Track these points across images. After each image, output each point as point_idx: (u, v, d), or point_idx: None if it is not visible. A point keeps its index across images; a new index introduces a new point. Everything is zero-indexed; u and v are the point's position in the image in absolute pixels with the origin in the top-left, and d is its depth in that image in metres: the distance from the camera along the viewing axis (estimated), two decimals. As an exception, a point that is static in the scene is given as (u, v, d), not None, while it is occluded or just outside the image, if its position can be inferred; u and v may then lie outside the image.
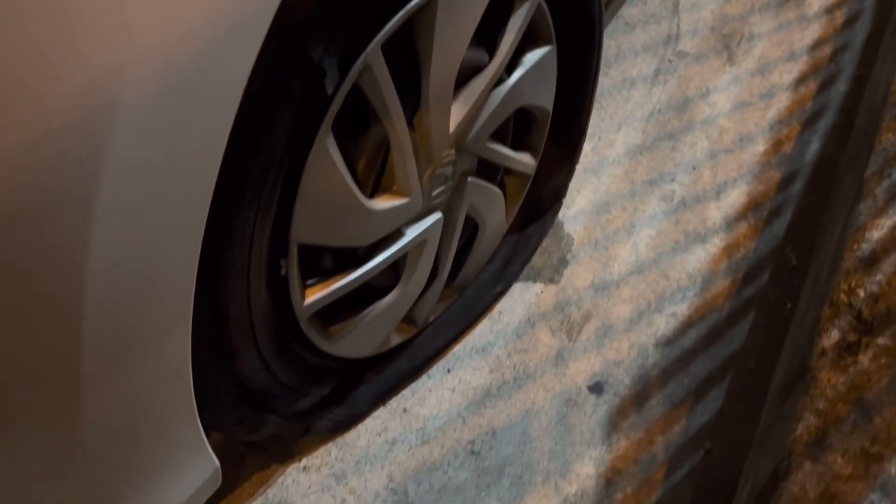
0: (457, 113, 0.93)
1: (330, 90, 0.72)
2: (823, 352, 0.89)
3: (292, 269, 0.81)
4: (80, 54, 0.46)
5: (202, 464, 0.74)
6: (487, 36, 0.95)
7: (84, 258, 0.54)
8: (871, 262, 0.97)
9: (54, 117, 0.47)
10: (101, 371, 0.61)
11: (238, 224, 0.71)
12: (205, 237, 0.64)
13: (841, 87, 1.60)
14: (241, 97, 0.58)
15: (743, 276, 1.25)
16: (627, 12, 1.81)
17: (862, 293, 0.94)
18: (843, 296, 0.94)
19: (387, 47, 0.77)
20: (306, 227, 0.79)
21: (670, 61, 1.67)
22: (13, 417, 0.58)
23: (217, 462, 0.76)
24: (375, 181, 0.89)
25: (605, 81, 1.61)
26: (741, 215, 1.34)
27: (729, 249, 1.29)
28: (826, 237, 1.19)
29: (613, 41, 1.72)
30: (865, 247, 0.99)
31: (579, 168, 1.43)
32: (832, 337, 0.91)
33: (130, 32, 0.48)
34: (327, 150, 0.76)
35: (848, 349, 0.89)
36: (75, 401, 0.60)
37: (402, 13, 0.76)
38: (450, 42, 0.84)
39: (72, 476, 0.64)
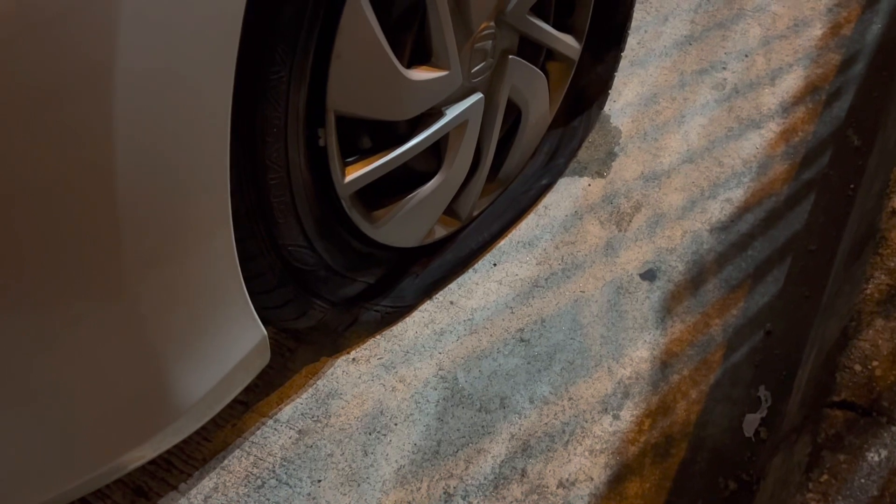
0: (495, -22, 0.88)
1: (361, -65, 0.68)
2: (893, 212, 0.84)
3: (331, 139, 0.79)
4: None
5: (250, 331, 0.74)
6: None
7: (109, 122, 0.52)
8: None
9: None
10: (146, 241, 0.60)
11: (271, 80, 0.68)
12: (238, 93, 0.62)
13: (905, -35, 1.49)
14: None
15: (802, 160, 1.18)
16: None
17: (935, 152, 0.87)
18: (914, 156, 0.88)
19: None
20: (342, 94, 0.77)
21: (718, -49, 1.57)
22: (71, 285, 0.57)
23: (264, 331, 0.75)
24: (413, 51, 0.85)
25: (648, -24, 1.54)
26: (798, 100, 1.27)
27: (786, 134, 1.22)
28: (891, 114, 1.12)
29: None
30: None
31: (625, 62, 1.37)
32: (903, 197, 0.85)
33: None
34: (360, 7, 0.73)
35: (921, 208, 0.83)
36: (122, 271, 0.59)
37: None
38: None
39: (124, 338, 0.64)
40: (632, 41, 1.40)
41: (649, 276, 1.07)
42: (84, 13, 0.48)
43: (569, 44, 1.11)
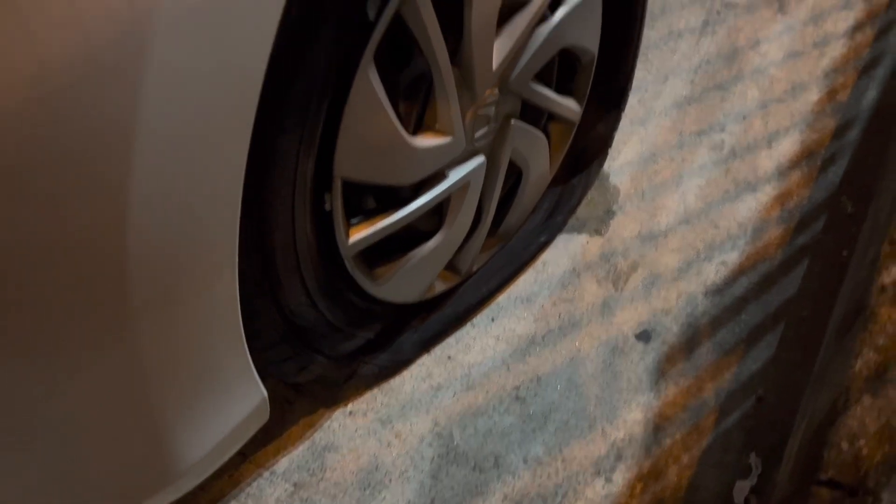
0: (500, 50, 0.91)
1: (372, 15, 0.71)
2: (883, 288, 0.86)
3: (336, 204, 0.81)
4: None
5: (250, 392, 0.75)
6: (530, -28, 0.93)
7: (126, 181, 0.54)
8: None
9: (97, 27, 0.47)
10: (151, 297, 0.62)
11: (282, 151, 0.71)
12: (250, 163, 0.65)
13: (900, 33, 1.53)
14: (281, 13, 0.58)
15: (797, 224, 1.21)
16: (673, -35, 1.76)
17: (925, 229, 0.90)
18: (904, 232, 0.90)
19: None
20: (349, 162, 0.79)
21: (718, 13, 1.62)
22: (67, 343, 0.59)
23: (265, 392, 0.77)
24: (418, 119, 0.88)
25: (650, 35, 1.58)
26: (794, 164, 1.30)
27: (781, 198, 1.25)
28: (885, 181, 1.15)
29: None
30: (929, 183, 0.94)
31: (625, 120, 1.40)
32: (892, 273, 0.87)
33: None
34: (370, 81, 0.75)
35: (910, 285, 0.85)
36: (126, 326, 0.61)
37: (443, -62, 0.75)
38: (492, -27, 0.83)
39: (122, 399, 0.65)
40: (632, 100, 1.43)
41: (644, 337, 1.09)
42: (108, 80, 0.50)
43: (570, 107, 1.14)
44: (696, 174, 1.30)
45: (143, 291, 0.61)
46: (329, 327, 0.91)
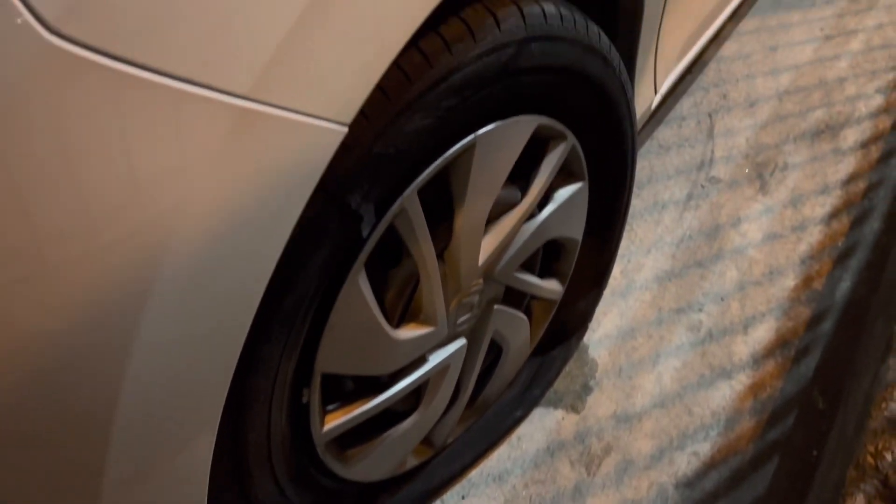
0: (487, 246, 0.95)
1: (365, 233, 0.75)
2: (848, 518, 0.87)
3: (314, 397, 0.83)
4: (140, 203, 0.48)
5: None
6: (521, 173, 0.98)
7: (118, 391, 0.55)
8: (900, 422, 0.95)
9: (108, 249, 0.49)
10: (121, 488, 0.61)
11: (266, 356, 0.72)
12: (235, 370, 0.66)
13: (874, 224, 1.60)
14: (284, 246, 0.61)
15: (768, 417, 1.22)
16: (662, 134, 1.85)
17: (889, 457, 0.91)
18: (869, 458, 0.92)
19: (423, 188, 0.80)
20: (331, 358, 0.81)
21: (703, 187, 1.69)
22: None
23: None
24: (402, 310, 0.91)
25: (636, 203, 1.64)
26: (769, 352, 1.33)
27: (755, 388, 1.27)
28: (855, 384, 1.17)
29: (647, 162, 1.75)
30: (894, 406, 0.97)
31: (606, 291, 1.43)
32: (857, 502, 0.88)
33: (192, 187, 0.50)
34: (358, 286, 0.78)
35: (874, 517, 0.86)
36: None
37: (439, 161, 0.79)
38: (484, 184, 0.87)
39: None
40: (615, 270, 1.47)
41: (613, 528, 1.08)
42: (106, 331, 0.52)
43: (553, 288, 1.17)
44: (673, 355, 1.32)
45: (115, 482, 0.61)
46: (295, 510, 0.90)
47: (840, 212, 1.63)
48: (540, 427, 1.21)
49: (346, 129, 0.58)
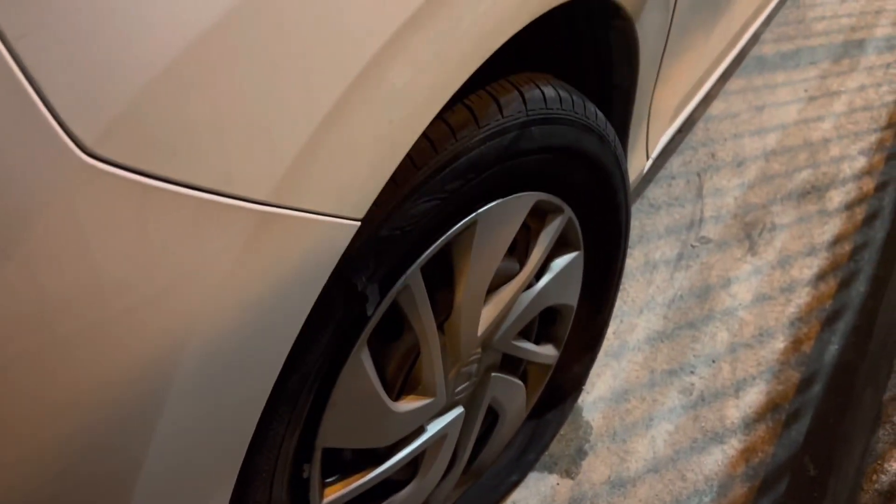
0: (486, 317, 0.97)
1: (370, 312, 0.76)
2: None
3: (314, 472, 0.83)
4: (169, 299, 0.49)
5: None
6: (518, 245, 1.00)
7: (138, 473, 0.55)
8: (891, 496, 0.96)
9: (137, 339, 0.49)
10: None
11: (270, 436, 0.73)
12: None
13: (860, 287, 1.63)
14: (299, 331, 0.62)
15: (760, 483, 1.23)
16: (652, 193, 1.89)
17: (882, 531, 0.92)
18: (862, 532, 0.93)
19: (425, 264, 0.81)
20: (333, 433, 0.82)
21: (693, 246, 1.72)
22: None
23: None
24: (402, 382, 0.92)
25: (628, 263, 1.67)
26: (760, 416, 1.34)
27: (746, 453, 1.28)
28: (845, 453, 1.19)
29: (637, 222, 1.78)
30: (884, 479, 0.98)
31: (600, 352, 1.45)
32: (852, 579, 0.89)
33: (216, 284, 0.51)
34: (361, 362, 0.79)
35: None
36: None
37: (442, 239, 0.81)
38: (484, 258, 0.89)
39: None
40: (608, 331, 1.49)
41: None
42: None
43: (548, 353, 1.19)
44: (666, 418, 1.33)
45: None
46: (291, 584, 0.90)
47: (827, 273, 1.66)
48: (535, 492, 1.21)
49: (359, 223, 0.60)
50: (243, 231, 0.49)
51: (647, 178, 1.91)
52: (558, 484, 1.22)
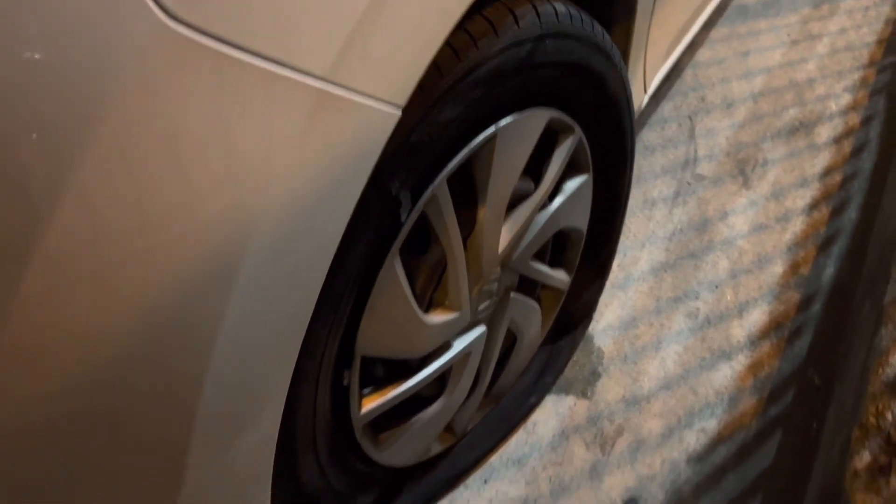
0: (505, 235, 1.00)
1: (403, 218, 0.79)
2: (856, 473, 0.93)
3: (354, 379, 0.87)
4: (234, 182, 0.52)
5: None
6: (533, 167, 1.04)
7: (206, 368, 0.58)
8: (897, 385, 1.01)
9: (205, 229, 0.52)
10: (204, 463, 0.64)
11: (315, 337, 0.76)
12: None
13: (852, 214, 1.69)
14: (346, 226, 0.65)
15: (768, 395, 1.29)
16: (646, 136, 1.93)
17: (890, 416, 0.98)
18: (871, 419, 0.98)
19: (450, 178, 0.85)
20: (371, 340, 0.85)
21: (689, 184, 1.76)
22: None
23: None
24: (430, 297, 0.95)
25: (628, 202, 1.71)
26: (764, 334, 1.39)
27: (754, 368, 1.33)
28: (849, 361, 1.24)
29: (634, 163, 1.82)
30: (890, 371, 1.03)
31: (607, 284, 1.49)
32: (864, 459, 0.94)
33: (277, 167, 0.54)
34: (394, 270, 0.83)
35: (880, 471, 0.92)
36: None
37: (465, 151, 0.85)
38: (504, 174, 0.92)
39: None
40: (613, 264, 1.53)
41: (631, 504, 1.13)
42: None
43: (561, 278, 1.23)
44: (674, 340, 1.38)
45: (198, 455, 0.63)
46: (333, 494, 0.94)
47: (820, 202, 1.72)
48: (553, 412, 1.25)
49: (400, 113, 0.63)
50: (304, 106, 0.52)
51: (641, 121, 1.95)
52: (575, 404, 1.27)
